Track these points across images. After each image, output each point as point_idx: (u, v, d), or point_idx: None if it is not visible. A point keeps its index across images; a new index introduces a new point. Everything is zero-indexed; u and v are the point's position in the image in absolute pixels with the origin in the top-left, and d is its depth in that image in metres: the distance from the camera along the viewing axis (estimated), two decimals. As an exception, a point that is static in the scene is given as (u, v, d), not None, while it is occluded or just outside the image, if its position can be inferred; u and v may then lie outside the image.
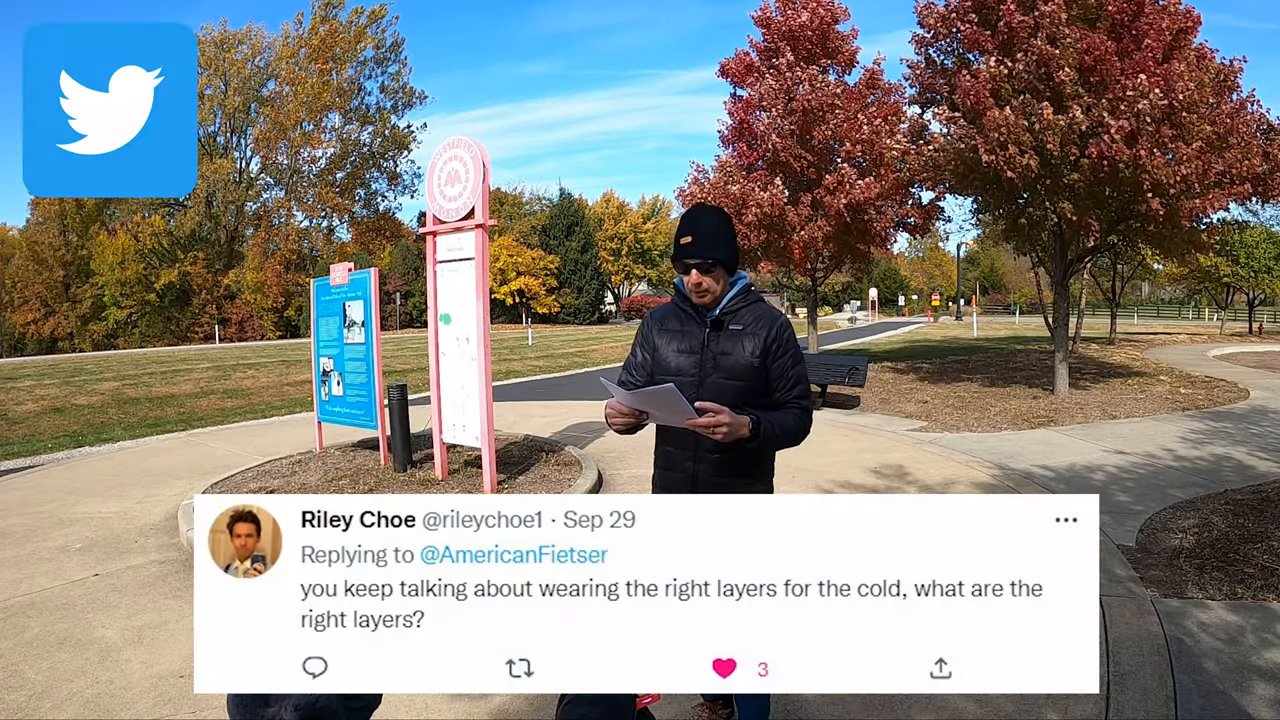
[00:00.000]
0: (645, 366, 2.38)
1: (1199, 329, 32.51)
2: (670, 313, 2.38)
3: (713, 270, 2.23)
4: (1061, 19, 8.73)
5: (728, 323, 2.27)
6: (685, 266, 2.23)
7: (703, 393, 2.17)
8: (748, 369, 2.22)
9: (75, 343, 43.55)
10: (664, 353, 2.31)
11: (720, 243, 2.24)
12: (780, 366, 2.25)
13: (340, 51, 41.98)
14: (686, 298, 2.31)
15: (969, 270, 68.84)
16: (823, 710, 2.82)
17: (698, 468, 2.27)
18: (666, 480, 2.36)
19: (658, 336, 2.34)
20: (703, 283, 2.22)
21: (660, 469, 2.40)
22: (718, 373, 2.23)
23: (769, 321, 2.27)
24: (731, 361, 2.22)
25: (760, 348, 2.23)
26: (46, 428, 10.70)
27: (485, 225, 5.60)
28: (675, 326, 2.33)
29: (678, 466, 2.31)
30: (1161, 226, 9.62)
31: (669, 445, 2.35)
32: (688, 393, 2.10)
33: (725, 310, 2.27)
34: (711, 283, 2.24)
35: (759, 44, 14.41)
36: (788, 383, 2.27)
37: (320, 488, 5.96)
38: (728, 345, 2.23)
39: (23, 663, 3.33)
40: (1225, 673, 2.98)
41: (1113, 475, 6.27)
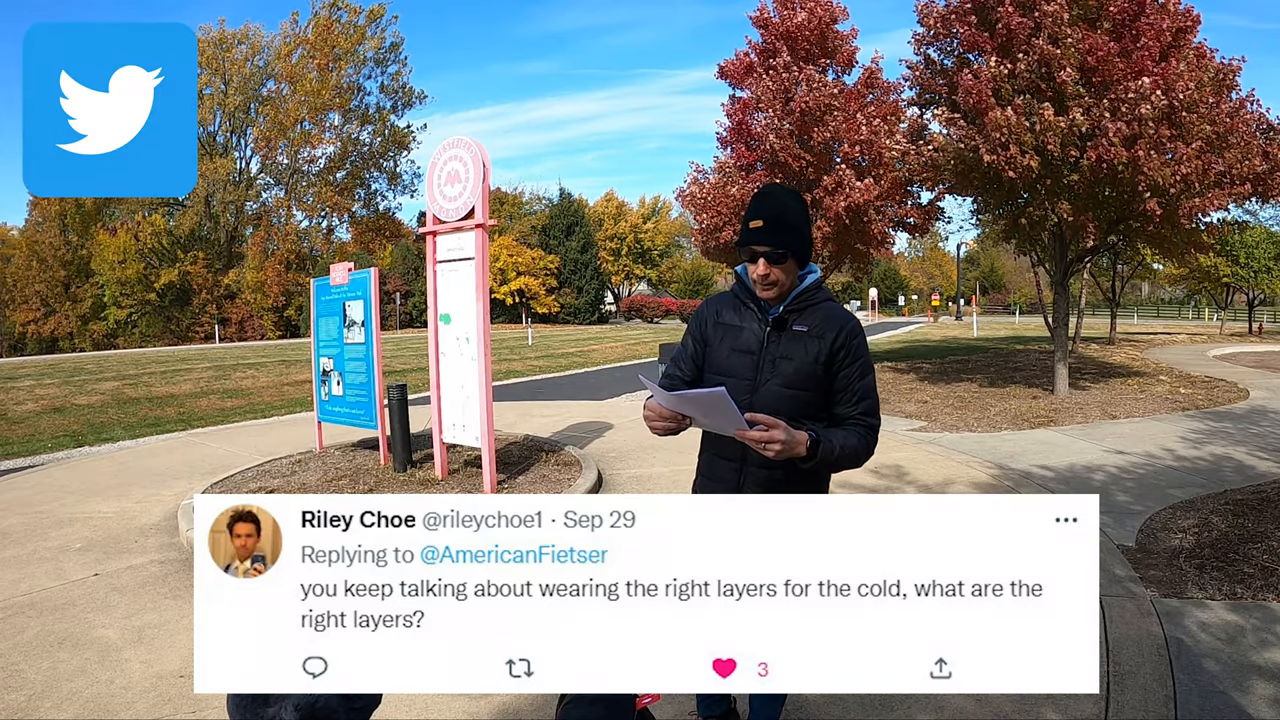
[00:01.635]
0: (695, 361, 2.16)
1: (1199, 329, 32.51)
2: (729, 303, 2.13)
3: (784, 261, 1.98)
4: (1063, 19, 8.73)
5: (792, 322, 2.02)
6: (753, 254, 1.98)
7: (756, 400, 1.97)
8: (809, 377, 1.99)
9: (75, 342, 43.56)
10: (717, 349, 2.09)
11: (795, 230, 1.99)
12: (846, 377, 2.02)
13: (340, 51, 41.98)
14: (749, 288, 2.06)
15: (969, 270, 68.84)
16: (823, 710, 2.82)
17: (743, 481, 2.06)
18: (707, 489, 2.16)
19: (712, 329, 2.11)
20: (771, 274, 1.97)
21: (702, 476, 2.20)
22: (775, 378, 2.00)
23: (839, 325, 2.03)
24: (792, 368, 1.99)
25: (826, 353, 1.99)
26: (46, 428, 10.70)
27: (485, 225, 5.60)
28: (733, 320, 2.10)
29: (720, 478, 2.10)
30: (1160, 227, 9.62)
31: (714, 452, 2.13)
32: (740, 398, 1.90)
33: (790, 307, 2.03)
34: (781, 275, 1.99)
35: (757, 45, 14.41)
36: (853, 396, 2.03)
37: (320, 488, 5.95)
38: (789, 348, 2.00)
39: (23, 663, 3.33)
40: (1225, 672, 2.98)
41: (1113, 475, 6.27)
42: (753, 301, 2.06)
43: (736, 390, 1.93)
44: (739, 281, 2.12)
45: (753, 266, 1.99)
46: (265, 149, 43.43)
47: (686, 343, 2.20)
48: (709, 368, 2.10)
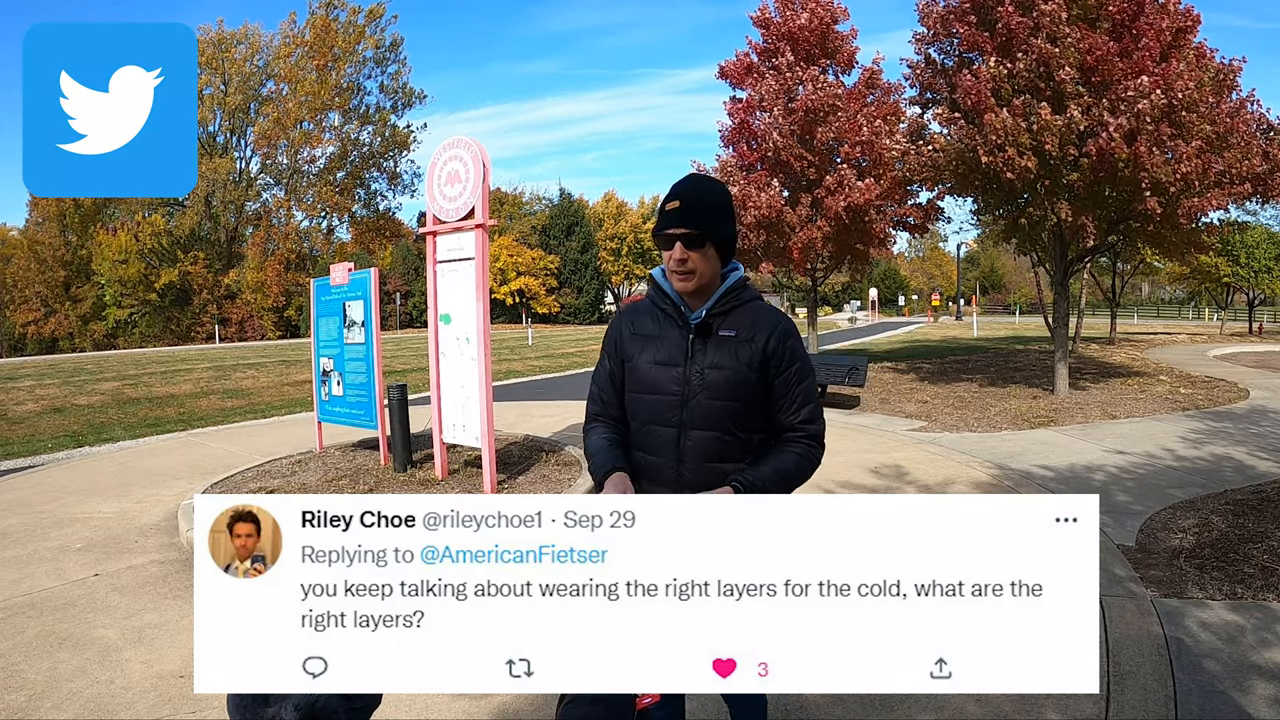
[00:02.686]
0: (615, 382, 1.93)
1: (1199, 329, 32.51)
2: (645, 312, 1.92)
3: (703, 246, 1.76)
4: (1062, 18, 8.74)
5: (717, 326, 1.82)
6: (668, 239, 1.76)
7: (686, 417, 1.80)
8: (742, 386, 1.80)
9: (75, 342, 43.57)
10: (639, 364, 1.86)
11: (715, 213, 1.78)
12: (784, 383, 1.83)
13: (339, 51, 41.99)
14: (666, 292, 1.86)
15: (969, 270, 68.86)
16: (823, 710, 2.82)
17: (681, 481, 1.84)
18: None
19: (630, 342, 1.90)
20: (689, 260, 1.75)
21: None
22: (704, 391, 1.79)
23: (769, 325, 1.83)
24: (723, 377, 1.79)
25: (759, 358, 1.80)
26: (46, 428, 10.70)
27: (485, 225, 5.60)
28: (651, 330, 1.88)
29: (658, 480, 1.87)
30: (1160, 226, 9.62)
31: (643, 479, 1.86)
32: (668, 416, 1.81)
33: (714, 310, 1.83)
34: (700, 262, 1.77)
35: (758, 45, 14.42)
36: (793, 403, 1.84)
37: (320, 488, 5.95)
38: (717, 356, 1.80)
39: (23, 663, 3.33)
40: (1225, 672, 2.98)
41: (1113, 475, 6.27)
42: (669, 306, 1.85)
43: (663, 408, 1.82)
44: (654, 287, 1.91)
45: (668, 253, 1.78)
46: (265, 149, 43.43)
47: (603, 362, 1.97)
48: (630, 386, 1.89)
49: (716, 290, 1.84)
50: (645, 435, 1.86)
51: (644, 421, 1.86)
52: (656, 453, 1.84)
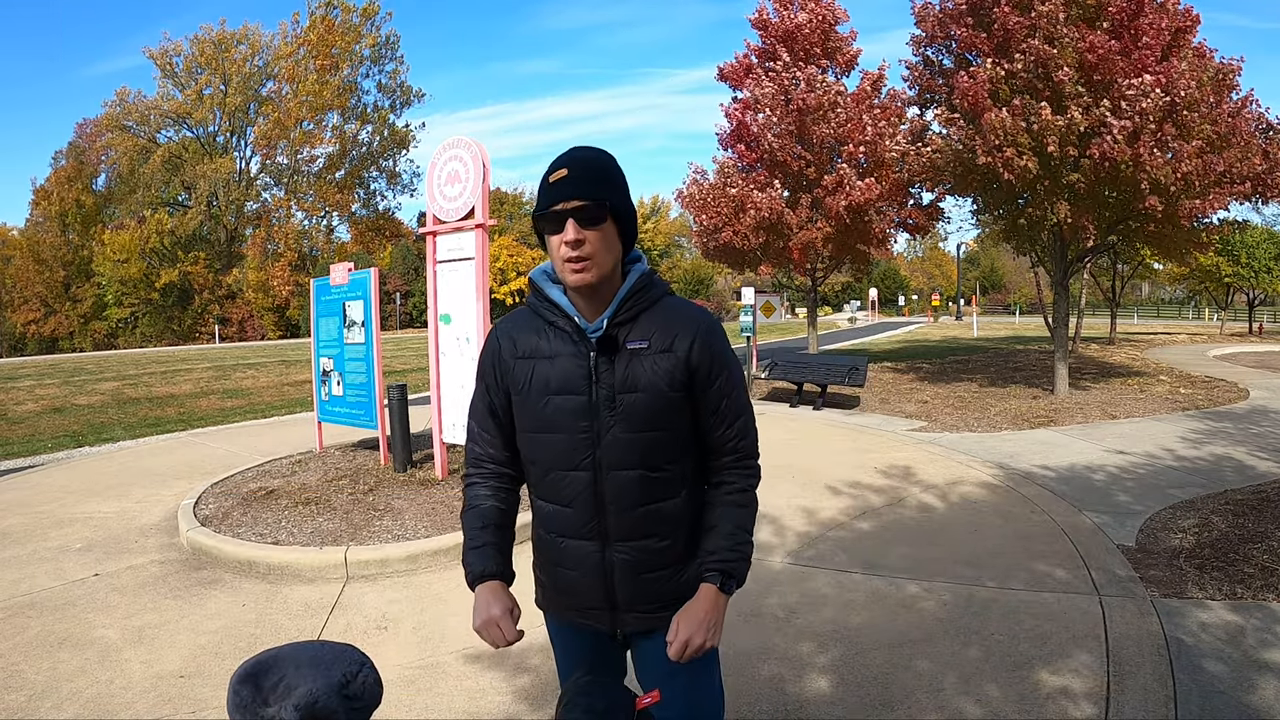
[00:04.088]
0: (500, 415, 1.54)
1: (1199, 329, 32.51)
2: (525, 325, 1.50)
3: (602, 223, 1.36)
4: (1059, 18, 8.74)
5: (623, 338, 1.43)
6: (557, 217, 1.35)
7: (602, 456, 1.43)
8: (666, 410, 1.43)
9: (76, 342, 43.61)
10: (530, 394, 1.46)
11: (612, 184, 1.40)
12: (718, 393, 1.47)
13: (338, 50, 41.99)
14: (550, 299, 1.46)
15: (969, 270, 68.87)
16: (822, 710, 2.82)
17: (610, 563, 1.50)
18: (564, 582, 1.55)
19: (514, 366, 1.48)
20: (585, 241, 1.35)
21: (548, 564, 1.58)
22: (620, 423, 1.42)
23: (690, 328, 1.45)
24: (641, 403, 1.41)
25: (681, 373, 1.43)
26: (46, 428, 10.70)
27: (485, 225, 5.60)
28: (537, 347, 1.47)
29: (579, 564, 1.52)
30: (1161, 226, 9.62)
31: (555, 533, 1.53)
32: (578, 457, 1.44)
33: (618, 318, 1.43)
34: (599, 244, 1.37)
35: (757, 46, 14.43)
36: (727, 417, 1.50)
37: (320, 487, 5.95)
38: (631, 375, 1.42)
39: (23, 663, 3.33)
40: (1225, 672, 2.97)
41: (1113, 475, 6.26)
42: (561, 317, 1.45)
43: (570, 449, 1.44)
44: (533, 289, 1.51)
45: (554, 239, 1.37)
46: (265, 149, 43.43)
47: (481, 393, 1.55)
48: (523, 423, 1.49)
49: (618, 290, 1.44)
50: (552, 482, 1.49)
51: (547, 468, 1.49)
52: (568, 503, 1.48)
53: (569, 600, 1.57)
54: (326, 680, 1.10)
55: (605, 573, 1.50)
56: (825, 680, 3.02)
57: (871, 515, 5.27)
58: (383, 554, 4.45)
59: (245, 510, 5.42)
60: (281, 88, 42.97)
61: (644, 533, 1.47)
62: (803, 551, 4.56)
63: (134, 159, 42.97)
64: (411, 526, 4.92)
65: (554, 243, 1.38)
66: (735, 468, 1.54)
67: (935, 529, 4.93)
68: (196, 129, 45.10)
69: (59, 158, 46.60)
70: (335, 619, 3.76)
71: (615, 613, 1.53)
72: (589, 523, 1.48)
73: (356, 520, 5.08)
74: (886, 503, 5.57)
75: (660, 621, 1.50)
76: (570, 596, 1.56)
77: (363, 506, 5.39)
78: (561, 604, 1.60)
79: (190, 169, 42.72)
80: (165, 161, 43.00)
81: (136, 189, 43.10)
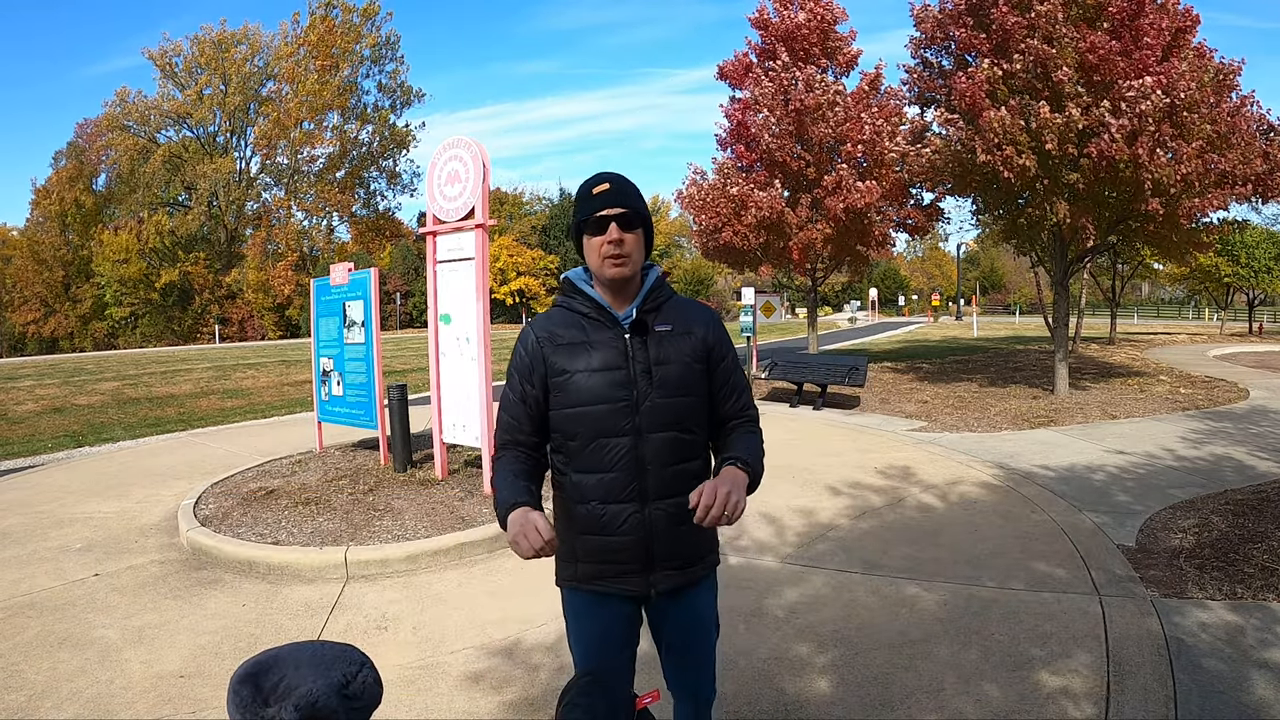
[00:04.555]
0: (530, 404, 1.75)
1: (1199, 329, 32.52)
2: (560, 321, 1.76)
3: (635, 229, 1.69)
4: (1058, 18, 8.74)
5: (652, 323, 1.73)
6: (601, 222, 1.65)
7: (642, 421, 1.69)
8: (692, 380, 1.73)
9: (76, 342, 43.61)
10: (573, 375, 1.70)
11: (642, 200, 1.72)
12: (725, 370, 1.81)
13: (338, 50, 41.99)
14: (588, 294, 1.75)
15: (969, 270, 68.87)
16: (822, 710, 2.82)
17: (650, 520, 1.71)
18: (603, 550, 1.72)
19: (554, 355, 1.72)
20: (625, 242, 1.66)
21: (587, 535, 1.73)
22: (656, 390, 1.69)
23: (702, 318, 1.81)
24: (674, 373, 1.71)
25: (701, 350, 1.76)
26: (46, 428, 10.70)
27: (485, 225, 5.60)
28: (576, 337, 1.72)
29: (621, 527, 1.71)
30: (1161, 226, 9.62)
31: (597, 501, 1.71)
32: (620, 423, 1.68)
33: (645, 307, 1.74)
34: (633, 246, 1.68)
35: (757, 46, 14.42)
36: (734, 390, 1.82)
37: (320, 487, 5.95)
38: (662, 352, 1.71)
39: (23, 663, 3.33)
40: (1225, 672, 2.97)
41: (1113, 475, 6.26)
42: (595, 309, 1.73)
43: (613, 416, 1.68)
44: (568, 288, 1.79)
45: (597, 240, 1.66)
46: (265, 149, 43.43)
47: (514, 386, 1.77)
48: (565, 402, 1.71)
49: (640, 288, 1.76)
50: (594, 451, 1.70)
51: (591, 436, 1.70)
52: (611, 467, 1.69)
53: (606, 567, 1.75)
54: (326, 680, 1.10)
55: (646, 530, 1.71)
56: (825, 680, 3.02)
57: (871, 515, 5.27)
58: (383, 554, 4.45)
59: (245, 510, 5.42)
60: (281, 88, 42.95)
61: (676, 490, 1.69)
62: (803, 551, 4.56)
63: (134, 159, 42.96)
64: (411, 526, 4.92)
65: (596, 243, 1.67)
66: (751, 424, 1.83)
67: (935, 529, 4.93)
68: (196, 129, 45.11)
69: (59, 158, 46.61)
70: (335, 619, 3.76)
71: (649, 573, 1.74)
72: (630, 484, 1.69)
73: (356, 520, 5.08)
74: (886, 503, 5.57)
75: (686, 576, 1.78)
76: (607, 563, 1.74)
77: (363, 506, 5.39)
78: (595, 573, 1.76)
79: (190, 169, 42.72)
80: (165, 161, 42.99)
81: (136, 189, 43.09)
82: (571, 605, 1.84)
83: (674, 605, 1.81)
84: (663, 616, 1.84)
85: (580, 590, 1.80)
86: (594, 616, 1.80)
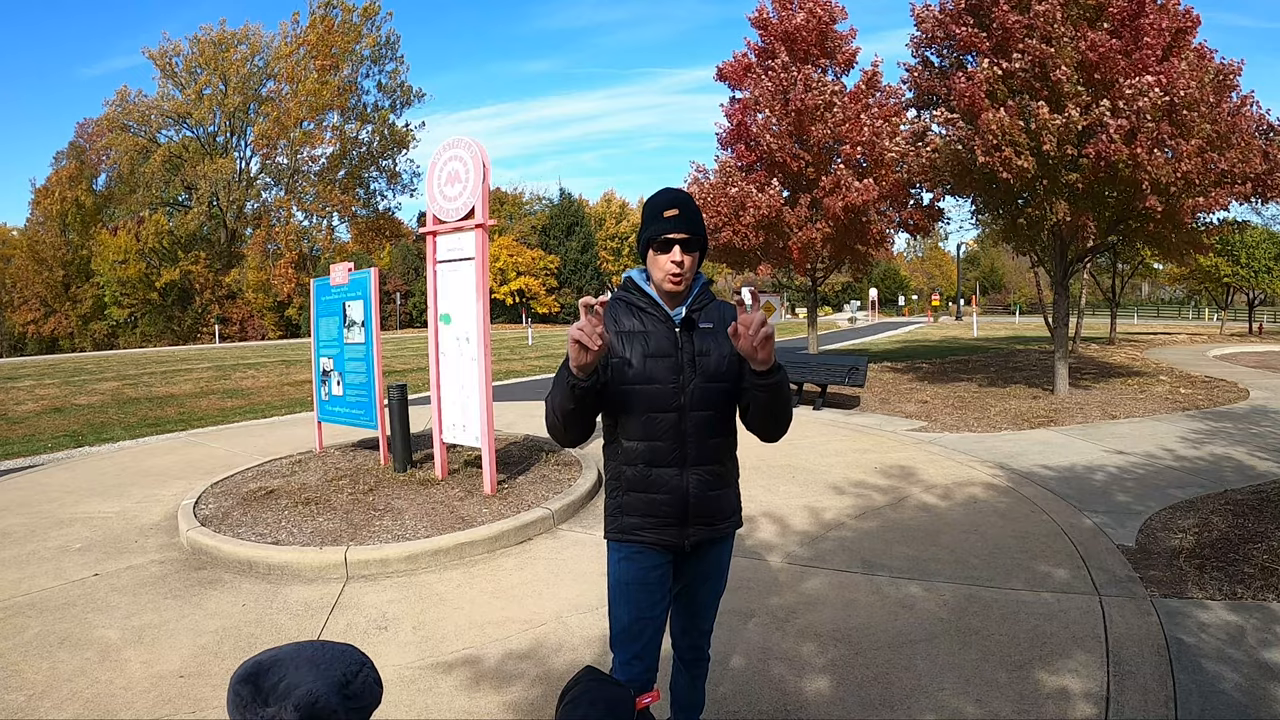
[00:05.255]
0: None
1: (1199, 329, 32.52)
2: (621, 310, 2.07)
3: (695, 252, 2.01)
4: (1056, 18, 8.74)
5: (698, 320, 2.04)
6: (667, 243, 1.97)
7: (687, 400, 2.00)
8: (728, 368, 2.02)
9: (76, 342, 43.61)
10: (631, 358, 1.99)
11: (702, 224, 2.04)
12: None
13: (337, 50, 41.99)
14: (646, 292, 2.05)
15: (969, 270, 68.87)
16: (822, 710, 2.82)
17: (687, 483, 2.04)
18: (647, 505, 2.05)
19: (616, 339, 2.01)
20: (685, 262, 1.97)
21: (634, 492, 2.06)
22: (699, 375, 2.00)
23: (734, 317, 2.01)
24: (713, 363, 2.01)
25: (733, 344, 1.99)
26: (46, 428, 10.70)
27: (485, 225, 5.60)
28: (635, 327, 2.03)
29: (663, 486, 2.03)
30: (1161, 226, 9.61)
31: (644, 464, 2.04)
32: (668, 403, 1.99)
33: (693, 307, 2.05)
34: (691, 265, 2.00)
35: (756, 45, 14.43)
36: None
37: (320, 487, 5.95)
38: (704, 344, 2.02)
39: (23, 663, 3.33)
40: (1225, 673, 2.97)
41: (1113, 475, 6.26)
42: (648, 303, 2.04)
43: (664, 395, 1.99)
44: (631, 287, 2.09)
45: (663, 257, 1.98)
46: (265, 149, 43.43)
47: None
48: (623, 380, 1.99)
49: (690, 292, 2.06)
50: (646, 423, 2.01)
51: (644, 409, 2.00)
52: (659, 437, 2.01)
53: (649, 519, 2.05)
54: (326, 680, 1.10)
55: (684, 491, 2.03)
56: (825, 680, 3.02)
57: (872, 515, 5.27)
58: (383, 554, 4.45)
59: (245, 510, 5.42)
60: (281, 87, 42.96)
61: (710, 459, 2.04)
62: (803, 551, 4.56)
63: (134, 159, 42.95)
64: (411, 526, 4.92)
65: (661, 259, 1.98)
66: None
67: (935, 529, 4.93)
68: (196, 129, 45.10)
69: (60, 158, 46.62)
70: (335, 619, 3.76)
71: (684, 527, 2.05)
72: (674, 451, 2.01)
73: (356, 520, 5.08)
74: (887, 503, 5.57)
75: (715, 532, 2.11)
76: (650, 515, 2.05)
77: (363, 506, 5.39)
78: (639, 524, 2.06)
79: (190, 169, 42.71)
80: (165, 161, 42.99)
81: (137, 189, 43.10)
82: (616, 555, 2.10)
83: (698, 558, 2.14)
84: (688, 565, 2.14)
85: (625, 542, 2.07)
86: (636, 563, 2.06)
